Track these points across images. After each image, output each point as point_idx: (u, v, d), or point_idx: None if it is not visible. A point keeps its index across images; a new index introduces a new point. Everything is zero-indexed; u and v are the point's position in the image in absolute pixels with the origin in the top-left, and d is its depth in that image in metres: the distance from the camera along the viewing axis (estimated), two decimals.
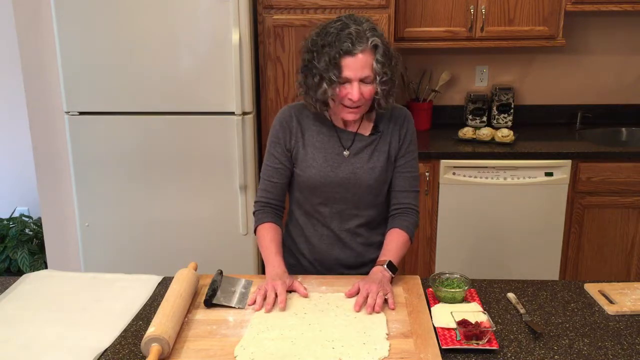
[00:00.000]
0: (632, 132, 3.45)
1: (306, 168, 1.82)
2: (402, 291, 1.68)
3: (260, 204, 1.88)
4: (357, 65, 1.65)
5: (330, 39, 1.66)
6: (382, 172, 1.83)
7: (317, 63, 1.68)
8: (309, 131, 1.84)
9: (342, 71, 1.65)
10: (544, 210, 3.05)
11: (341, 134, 1.83)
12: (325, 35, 1.68)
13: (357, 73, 1.66)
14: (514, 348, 1.43)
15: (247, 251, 2.90)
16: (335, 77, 1.66)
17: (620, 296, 1.64)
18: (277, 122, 1.86)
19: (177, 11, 2.64)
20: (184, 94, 2.73)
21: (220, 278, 1.70)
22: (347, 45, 1.63)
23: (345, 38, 1.64)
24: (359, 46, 1.64)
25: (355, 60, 1.65)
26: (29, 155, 3.20)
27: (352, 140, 1.82)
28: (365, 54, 1.65)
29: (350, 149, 1.82)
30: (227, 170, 2.80)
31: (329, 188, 1.82)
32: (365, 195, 1.84)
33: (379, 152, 1.83)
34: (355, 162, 1.81)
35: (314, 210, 1.88)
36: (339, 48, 1.64)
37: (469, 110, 3.48)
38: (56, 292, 1.71)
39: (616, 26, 3.45)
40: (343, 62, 1.65)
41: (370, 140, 1.83)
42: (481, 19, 3.11)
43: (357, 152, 1.82)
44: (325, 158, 1.81)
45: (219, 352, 1.41)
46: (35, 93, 2.98)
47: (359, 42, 1.64)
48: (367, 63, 1.66)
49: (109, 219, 2.88)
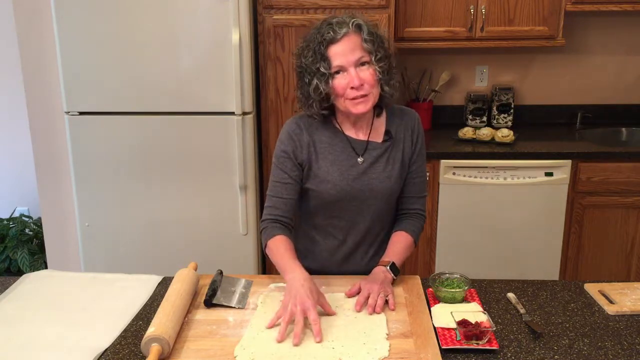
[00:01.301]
0: (632, 132, 3.45)
1: (320, 183, 1.74)
2: (402, 291, 1.68)
3: (269, 221, 1.76)
4: (345, 49, 1.60)
5: (312, 35, 1.64)
6: (397, 180, 1.78)
7: (304, 62, 1.64)
8: (320, 143, 1.74)
9: (331, 62, 1.60)
10: (544, 210, 3.05)
11: (354, 143, 1.75)
12: (306, 37, 1.66)
13: (349, 58, 1.60)
14: (514, 348, 1.43)
15: (247, 251, 2.90)
16: (325, 69, 1.60)
17: (620, 296, 1.64)
18: (285, 136, 1.75)
19: (177, 11, 2.64)
20: (184, 94, 2.73)
21: (220, 278, 1.70)
22: (330, 34, 1.59)
23: (326, 28, 1.61)
24: (341, 30, 1.59)
25: (342, 45, 1.60)
26: (29, 155, 3.20)
27: (364, 148, 1.75)
28: (349, 36, 1.60)
29: (364, 156, 1.75)
30: (227, 170, 2.80)
31: (344, 202, 1.76)
32: (381, 204, 1.79)
33: (393, 159, 1.77)
34: (371, 172, 1.75)
35: (325, 223, 1.82)
36: (322, 38, 1.60)
37: (469, 110, 3.48)
38: (56, 292, 1.71)
39: (616, 26, 3.45)
40: (330, 52, 1.60)
41: (384, 148, 1.76)
42: (481, 19, 3.11)
43: (373, 162, 1.75)
44: (340, 171, 1.73)
45: (219, 352, 1.41)
46: (35, 93, 2.98)
47: (340, 27, 1.60)
48: (355, 44, 1.60)
49: (109, 219, 2.88)
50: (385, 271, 1.68)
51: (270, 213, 1.76)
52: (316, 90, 1.64)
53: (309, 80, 1.64)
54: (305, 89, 1.67)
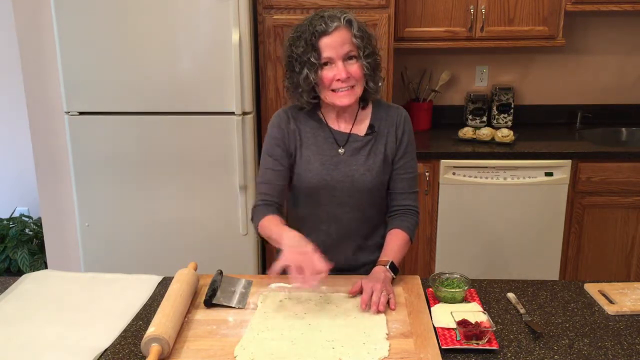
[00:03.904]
0: (632, 132, 3.45)
1: (303, 171, 1.80)
2: (402, 291, 1.68)
3: (261, 205, 1.80)
4: (335, 42, 1.66)
5: (304, 27, 1.69)
6: (379, 174, 1.81)
7: (295, 51, 1.69)
8: (305, 133, 1.82)
9: (321, 52, 1.66)
10: (544, 210, 3.05)
11: (336, 134, 1.82)
12: (298, 27, 1.71)
13: (338, 51, 1.67)
14: (514, 348, 1.43)
15: (247, 251, 2.90)
16: (315, 59, 1.66)
17: (620, 296, 1.64)
18: (275, 125, 1.83)
19: (177, 11, 2.64)
20: (184, 94, 2.73)
21: (220, 278, 1.70)
22: (322, 26, 1.66)
23: (318, 21, 1.67)
24: (332, 23, 1.66)
25: (332, 37, 1.66)
26: (29, 155, 3.21)
27: (346, 139, 1.81)
28: (340, 30, 1.67)
29: (346, 147, 1.80)
30: (227, 170, 2.80)
31: (325, 191, 1.80)
32: (363, 197, 1.82)
33: (375, 153, 1.81)
34: (352, 163, 1.80)
35: (309, 214, 1.86)
36: (314, 30, 1.66)
37: (469, 110, 3.48)
38: (56, 292, 1.71)
39: (616, 26, 3.45)
40: (321, 43, 1.66)
41: (365, 140, 1.81)
42: (481, 19, 3.11)
43: (353, 153, 1.80)
44: (321, 161, 1.79)
45: (219, 352, 1.41)
46: (35, 93, 2.98)
47: (332, 20, 1.67)
48: (345, 39, 1.67)
49: (109, 219, 2.88)
50: (385, 270, 1.69)
51: (262, 199, 1.81)
52: (306, 79, 1.70)
53: (300, 70, 1.70)
54: (295, 79, 1.73)
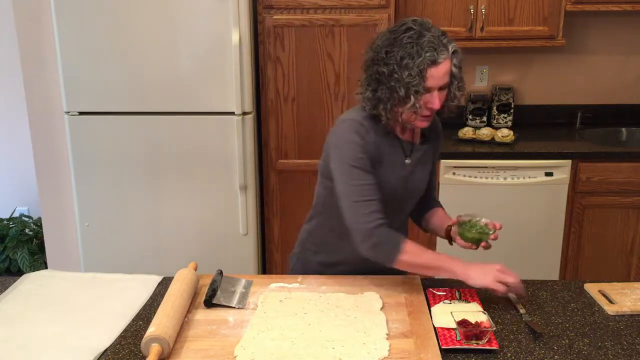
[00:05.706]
0: (632, 132, 3.45)
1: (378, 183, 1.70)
2: (402, 291, 1.68)
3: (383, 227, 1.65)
4: (440, 74, 1.60)
5: (411, 49, 1.59)
6: (427, 179, 1.87)
7: (401, 74, 1.59)
8: (382, 144, 1.72)
9: (426, 81, 1.60)
10: (544, 210, 3.05)
11: (404, 145, 1.77)
12: (401, 46, 1.60)
13: (439, 82, 1.61)
14: (514, 348, 1.43)
15: (247, 251, 2.90)
16: (423, 88, 1.60)
17: (620, 296, 1.64)
18: (355, 135, 1.68)
19: (177, 11, 2.64)
20: (184, 94, 2.73)
21: (220, 278, 1.70)
22: (432, 55, 1.58)
23: (428, 47, 1.58)
24: (442, 54, 1.59)
25: (438, 69, 1.60)
26: (29, 155, 3.20)
27: (411, 149, 1.78)
28: (446, 61, 1.61)
29: (411, 157, 1.78)
30: (227, 170, 2.80)
31: (395, 202, 1.76)
32: (413, 203, 1.87)
33: (428, 160, 1.85)
34: (416, 173, 1.80)
35: None
36: (425, 59, 1.58)
37: (469, 110, 3.48)
38: (56, 292, 1.71)
39: (616, 26, 3.45)
40: (428, 73, 1.59)
41: (423, 149, 1.81)
42: (481, 19, 3.11)
43: (416, 163, 1.79)
44: (395, 173, 1.74)
45: (219, 352, 1.41)
46: (35, 93, 2.98)
47: (441, 50, 1.59)
48: (447, 70, 1.62)
49: (109, 219, 2.88)
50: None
51: (377, 217, 1.65)
52: (407, 102, 1.62)
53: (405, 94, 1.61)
54: (386, 94, 1.64)
